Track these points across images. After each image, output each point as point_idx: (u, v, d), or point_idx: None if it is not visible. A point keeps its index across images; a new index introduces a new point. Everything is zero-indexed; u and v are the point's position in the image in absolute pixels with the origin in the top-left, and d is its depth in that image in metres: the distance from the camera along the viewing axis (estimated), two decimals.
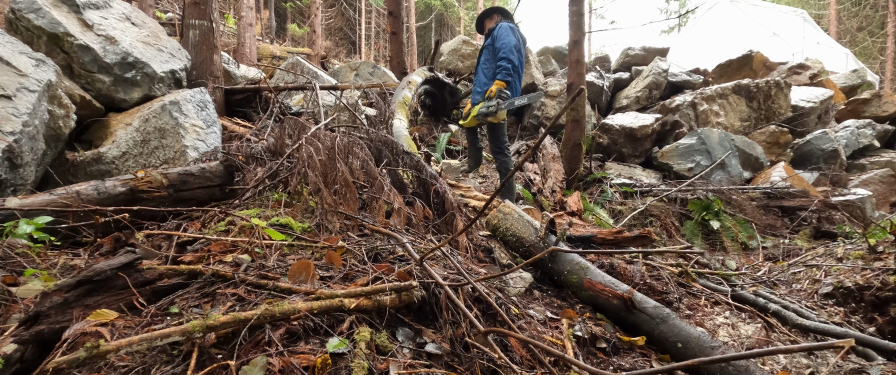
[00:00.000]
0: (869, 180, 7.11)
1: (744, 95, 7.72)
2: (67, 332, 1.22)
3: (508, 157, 4.04)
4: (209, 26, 4.90)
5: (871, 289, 2.71)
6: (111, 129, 3.68)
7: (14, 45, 3.10)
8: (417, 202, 2.42)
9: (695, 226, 4.66)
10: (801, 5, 20.54)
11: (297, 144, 2.37)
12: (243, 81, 6.37)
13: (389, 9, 8.60)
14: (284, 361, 1.13)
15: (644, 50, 9.64)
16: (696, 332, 1.81)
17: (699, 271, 3.16)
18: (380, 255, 1.86)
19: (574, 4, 5.30)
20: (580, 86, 5.48)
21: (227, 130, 4.54)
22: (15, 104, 2.82)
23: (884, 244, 3.13)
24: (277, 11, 19.29)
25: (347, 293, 1.40)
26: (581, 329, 1.86)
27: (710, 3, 15.37)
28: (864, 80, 10.64)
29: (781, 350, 1.07)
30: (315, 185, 2.10)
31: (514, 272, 2.20)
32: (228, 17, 13.59)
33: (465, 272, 1.76)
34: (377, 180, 2.39)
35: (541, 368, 1.48)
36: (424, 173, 2.72)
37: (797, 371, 2.08)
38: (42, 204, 2.04)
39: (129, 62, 3.87)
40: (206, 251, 1.77)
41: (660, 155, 6.91)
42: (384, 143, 2.87)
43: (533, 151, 1.12)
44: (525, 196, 4.62)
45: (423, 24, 24.25)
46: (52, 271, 1.71)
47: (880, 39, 19.53)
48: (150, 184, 2.37)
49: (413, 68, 11.19)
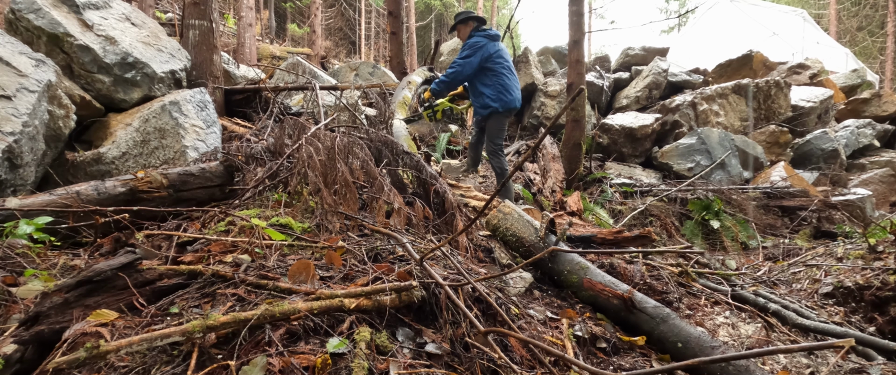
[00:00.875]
0: (869, 180, 7.11)
1: (744, 95, 7.72)
2: (67, 332, 1.22)
3: (501, 159, 4.11)
4: (209, 26, 4.90)
5: (871, 289, 2.71)
6: (111, 129, 3.68)
7: (14, 45, 3.10)
8: (417, 203, 2.42)
9: (695, 226, 4.67)
10: (801, 5, 20.54)
11: (297, 144, 2.36)
12: (243, 82, 6.37)
13: (389, 9, 8.60)
14: (284, 361, 1.13)
15: (644, 50, 9.65)
16: (696, 332, 1.81)
17: (699, 270, 3.16)
18: (380, 255, 1.86)
19: (574, 4, 5.30)
20: (580, 86, 5.49)
21: (227, 131, 4.55)
22: (15, 105, 2.82)
23: (884, 244, 3.13)
24: (277, 11, 19.29)
25: (347, 293, 1.40)
26: (581, 328, 1.86)
27: (710, 3, 15.37)
28: (864, 79, 10.65)
29: (781, 350, 1.07)
30: (315, 185, 2.10)
31: (514, 272, 2.20)
32: (228, 18, 13.59)
33: (465, 272, 1.76)
34: (377, 181, 2.39)
35: (541, 368, 1.48)
36: (424, 173, 2.72)
37: (797, 370, 2.08)
38: (42, 204, 2.04)
39: (128, 62, 3.87)
40: (206, 252, 1.77)
41: (660, 155, 6.91)
42: (384, 143, 2.87)
43: (533, 151, 1.12)
44: (525, 196, 4.63)
45: (423, 24, 24.26)
46: (52, 271, 1.71)
47: (880, 39, 19.53)
48: (150, 184, 2.37)
49: (413, 68, 11.20)
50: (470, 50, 3.94)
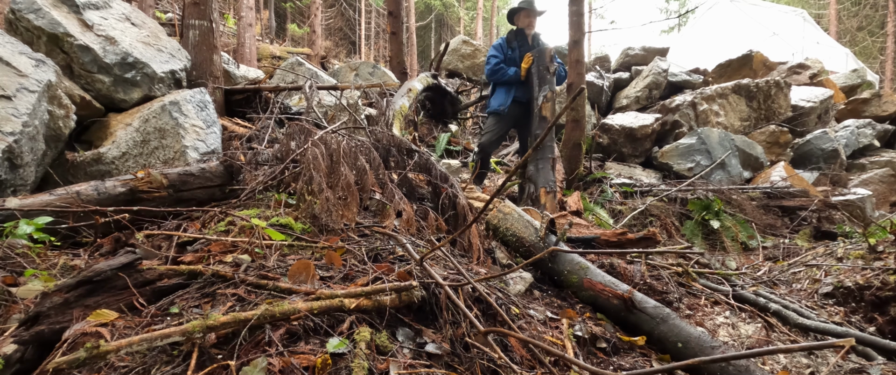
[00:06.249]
0: (869, 180, 7.11)
1: (744, 95, 7.72)
2: (67, 332, 1.22)
3: (477, 153, 4.51)
4: (209, 26, 4.90)
5: (871, 289, 2.71)
6: (111, 129, 3.68)
7: (14, 45, 3.10)
8: (431, 214, 2.38)
9: (695, 226, 4.66)
10: (801, 5, 20.52)
11: (303, 148, 2.35)
12: (243, 82, 6.37)
13: (389, 9, 8.60)
14: (284, 361, 1.13)
15: (644, 50, 9.64)
16: (696, 332, 1.81)
17: (699, 270, 3.16)
18: (380, 255, 1.86)
19: (574, 4, 5.30)
20: (580, 86, 5.48)
21: (227, 131, 4.54)
22: (15, 105, 2.82)
23: (884, 244, 3.13)
24: (277, 11, 19.28)
25: (347, 293, 1.40)
26: (581, 328, 1.86)
27: (710, 3, 15.37)
28: (864, 79, 10.64)
29: (781, 350, 1.07)
30: (319, 186, 2.09)
31: (514, 272, 2.20)
32: (228, 18, 13.58)
33: (465, 272, 1.76)
34: (388, 187, 2.37)
35: (541, 368, 1.48)
36: (433, 174, 2.69)
37: (797, 370, 2.08)
38: (42, 204, 2.04)
39: (128, 62, 3.87)
40: (206, 252, 1.77)
41: (660, 155, 6.91)
42: (391, 143, 2.86)
43: (532, 150, 1.12)
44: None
45: (423, 25, 24.25)
46: (52, 271, 1.71)
47: (880, 39, 19.52)
48: (150, 184, 2.37)
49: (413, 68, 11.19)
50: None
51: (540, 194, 3.88)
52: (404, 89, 5.46)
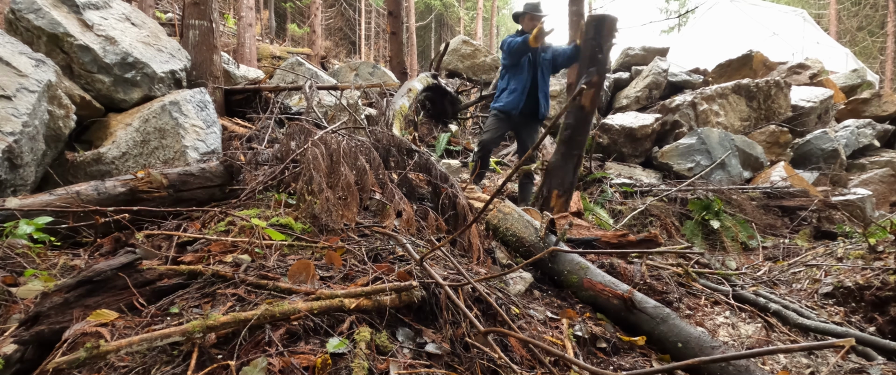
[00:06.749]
0: (869, 180, 7.11)
1: (744, 95, 7.72)
2: (67, 332, 1.22)
3: (477, 151, 4.48)
4: (209, 27, 4.90)
5: (871, 289, 2.71)
6: (111, 129, 3.68)
7: (14, 45, 3.10)
8: (431, 214, 2.38)
9: (695, 226, 4.66)
10: (801, 5, 20.53)
11: (303, 148, 2.35)
12: (243, 82, 6.37)
13: (389, 9, 8.60)
14: (284, 361, 1.13)
15: (644, 50, 9.64)
16: (696, 332, 1.81)
17: (699, 270, 3.15)
18: (380, 255, 1.86)
19: (574, 4, 5.30)
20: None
21: (227, 131, 4.55)
22: (15, 105, 2.82)
23: (884, 244, 3.13)
24: (277, 11, 19.28)
25: (347, 293, 1.40)
26: (581, 328, 1.86)
27: (710, 3, 15.36)
28: (864, 79, 10.64)
29: (781, 350, 1.07)
30: (319, 186, 2.09)
31: (514, 272, 2.20)
32: (228, 18, 13.58)
33: (465, 272, 1.76)
34: (388, 188, 2.37)
35: (541, 368, 1.48)
36: (433, 174, 2.69)
37: (797, 370, 2.08)
38: (42, 204, 2.04)
39: (128, 63, 3.87)
40: (206, 252, 1.77)
41: (660, 155, 6.90)
42: (391, 143, 2.86)
43: (532, 150, 1.12)
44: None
45: (423, 24, 24.26)
46: (52, 271, 1.71)
47: (880, 39, 19.53)
48: (150, 184, 2.37)
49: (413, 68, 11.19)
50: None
51: (551, 196, 3.72)
52: (404, 89, 5.45)
